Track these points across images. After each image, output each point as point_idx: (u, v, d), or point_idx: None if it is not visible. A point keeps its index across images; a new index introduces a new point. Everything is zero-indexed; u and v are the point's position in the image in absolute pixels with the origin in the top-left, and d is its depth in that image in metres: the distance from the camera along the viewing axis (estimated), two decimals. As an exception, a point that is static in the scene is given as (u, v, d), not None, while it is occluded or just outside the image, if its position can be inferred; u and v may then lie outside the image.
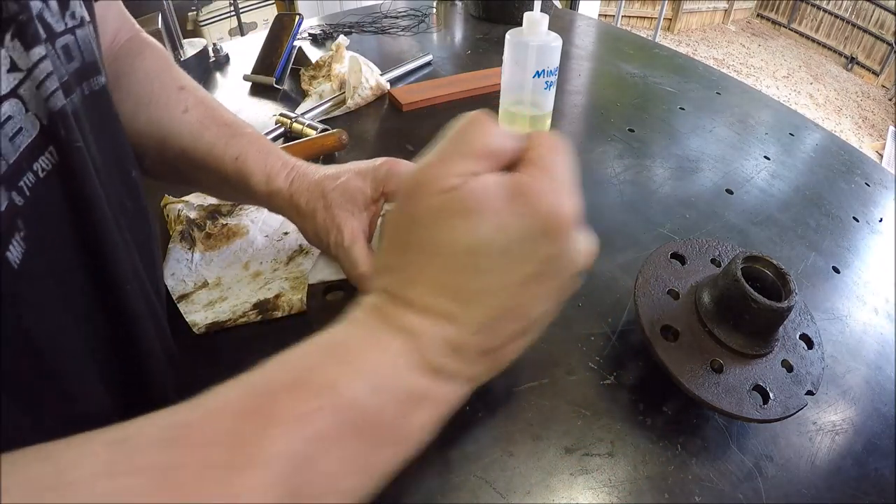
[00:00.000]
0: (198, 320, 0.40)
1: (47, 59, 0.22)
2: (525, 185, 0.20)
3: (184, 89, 0.40)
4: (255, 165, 0.39)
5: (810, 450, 0.35)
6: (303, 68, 0.81)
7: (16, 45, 0.20)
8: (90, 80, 0.27)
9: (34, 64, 0.21)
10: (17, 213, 0.20)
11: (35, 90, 0.21)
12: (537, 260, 0.20)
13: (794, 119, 0.79)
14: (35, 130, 0.21)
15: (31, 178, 0.21)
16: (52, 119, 0.22)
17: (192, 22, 1.83)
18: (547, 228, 0.20)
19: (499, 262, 0.20)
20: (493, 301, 0.20)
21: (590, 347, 0.40)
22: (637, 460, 0.34)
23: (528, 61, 0.58)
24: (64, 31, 0.24)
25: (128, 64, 0.39)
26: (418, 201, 0.21)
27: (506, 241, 0.19)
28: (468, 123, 0.22)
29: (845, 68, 5.40)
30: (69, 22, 0.25)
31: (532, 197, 0.20)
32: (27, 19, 0.21)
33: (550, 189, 0.20)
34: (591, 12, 1.98)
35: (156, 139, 0.39)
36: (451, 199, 0.20)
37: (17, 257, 0.19)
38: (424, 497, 0.31)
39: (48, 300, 0.22)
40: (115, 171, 0.29)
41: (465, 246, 0.20)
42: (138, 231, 0.31)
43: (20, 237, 0.20)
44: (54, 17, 0.23)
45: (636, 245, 0.50)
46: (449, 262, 0.20)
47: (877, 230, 0.58)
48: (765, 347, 0.34)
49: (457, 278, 0.20)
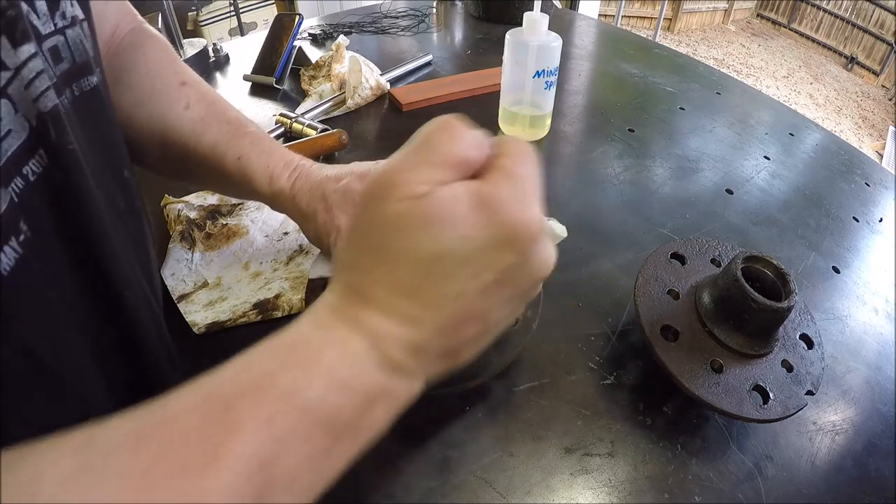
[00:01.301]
0: (198, 320, 0.40)
1: (37, 58, 0.21)
2: (490, 195, 0.20)
3: (185, 85, 0.39)
4: (258, 166, 0.38)
5: (810, 450, 0.35)
6: (303, 68, 0.81)
7: (3, 42, 0.20)
8: (80, 81, 0.26)
9: (23, 62, 0.20)
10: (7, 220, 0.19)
11: (24, 90, 0.20)
12: (499, 268, 0.21)
13: (794, 119, 0.79)
14: (25, 133, 0.21)
15: (20, 182, 0.20)
16: (41, 120, 0.21)
17: (192, 22, 1.83)
18: (510, 238, 0.20)
19: (462, 269, 0.20)
20: (454, 306, 0.21)
21: (590, 347, 0.40)
22: (637, 460, 0.34)
23: (528, 61, 0.58)
24: (52, 33, 0.24)
25: (129, 58, 0.38)
26: (385, 205, 0.21)
27: (469, 249, 0.20)
28: (439, 129, 0.22)
29: (845, 68, 5.40)
30: (59, 22, 0.24)
31: (496, 207, 0.20)
32: (16, 15, 0.20)
33: (514, 199, 0.20)
34: (591, 12, 1.98)
35: (157, 135, 0.39)
36: (418, 207, 0.20)
37: (8, 266, 0.19)
38: (424, 497, 0.31)
39: (45, 307, 0.22)
40: (108, 172, 0.28)
41: (429, 253, 0.20)
42: (132, 231, 0.31)
43: (16, 243, 0.20)
44: (41, 18, 0.23)
45: (636, 245, 0.50)
46: (413, 267, 0.20)
47: (877, 230, 0.58)
48: (765, 347, 0.34)
49: (420, 283, 0.20)
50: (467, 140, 0.21)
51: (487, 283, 0.21)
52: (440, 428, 0.35)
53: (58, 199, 0.22)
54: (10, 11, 0.20)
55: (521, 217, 0.20)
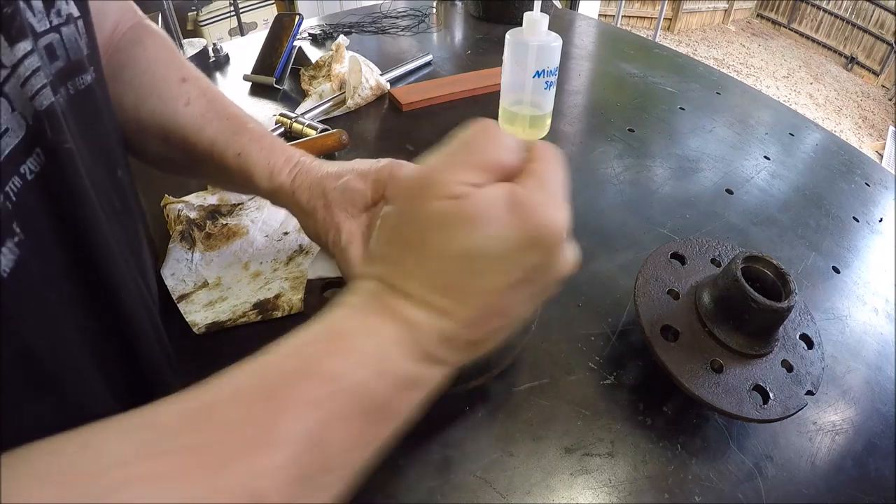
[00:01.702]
0: (198, 320, 0.40)
1: (34, 55, 0.21)
2: (523, 198, 0.22)
3: (186, 81, 0.39)
4: (258, 161, 0.38)
5: (810, 450, 0.35)
6: (303, 68, 0.81)
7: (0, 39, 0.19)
8: (75, 80, 0.26)
9: (19, 60, 0.20)
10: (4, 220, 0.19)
11: (20, 88, 0.20)
12: (527, 267, 0.22)
13: (794, 119, 0.79)
14: (22, 131, 0.20)
15: (18, 182, 0.20)
16: (38, 118, 0.21)
17: (192, 22, 1.83)
18: (539, 240, 0.22)
19: (492, 266, 0.21)
20: (483, 301, 0.22)
21: (590, 347, 0.40)
22: (637, 460, 0.34)
23: (528, 61, 0.58)
24: (48, 30, 0.23)
25: (129, 54, 0.38)
26: (423, 203, 0.22)
27: (500, 249, 0.21)
28: (479, 133, 0.23)
29: (845, 68, 5.40)
30: (54, 20, 0.24)
31: (529, 210, 0.21)
32: (12, 12, 0.20)
33: (546, 202, 0.22)
34: (591, 12, 1.98)
35: (158, 131, 0.39)
36: (455, 207, 0.21)
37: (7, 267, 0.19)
38: (424, 497, 0.31)
39: (45, 308, 0.22)
40: (104, 172, 0.28)
41: (462, 250, 0.21)
42: (128, 231, 0.31)
43: (13, 244, 0.19)
44: (37, 16, 0.23)
45: (636, 245, 0.50)
46: (446, 263, 0.22)
47: (877, 230, 0.58)
48: (765, 347, 0.34)
49: (453, 278, 0.22)
50: (505, 145, 0.23)
51: (515, 281, 0.22)
52: (440, 428, 0.35)
53: (54, 200, 0.22)
54: (7, 8, 0.20)
55: (551, 220, 0.22)
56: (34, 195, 0.21)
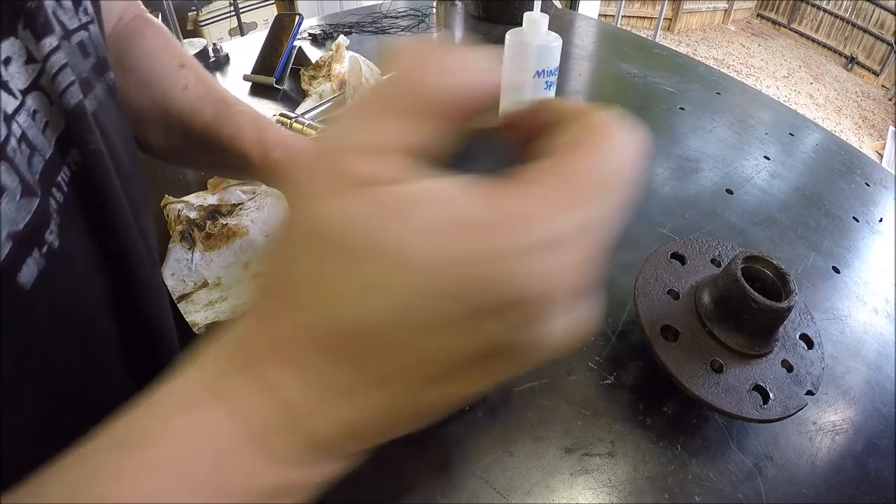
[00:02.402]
0: (198, 320, 0.40)
1: (60, 51, 0.21)
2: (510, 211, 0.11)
3: (184, 67, 0.40)
4: (251, 140, 0.39)
5: (810, 450, 0.35)
6: (303, 68, 0.81)
7: (27, 34, 0.19)
8: (106, 75, 0.26)
9: (46, 55, 0.20)
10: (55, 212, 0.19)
11: (51, 83, 0.20)
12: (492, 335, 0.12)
13: (794, 119, 0.79)
14: (62, 124, 0.20)
15: (67, 172, 0.20)
16: (68, 117, 0.21)
17: (192, 22, 1.83)
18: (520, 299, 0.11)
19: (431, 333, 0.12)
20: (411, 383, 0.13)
21: (590, 347, 0.40)
22: (637, 460, 0.34)
23: (528, 61, 0.58)
24: (78, 28, 0.24)
25: (129, 44, 0.39)
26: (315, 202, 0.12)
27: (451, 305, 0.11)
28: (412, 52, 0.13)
29: (845, 68, 5.40)
30: (83, 18, 0.24)
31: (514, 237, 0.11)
32: (35, 7, 0.20)
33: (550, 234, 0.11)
34: (591, 12, 1.97)
35: (159, 118, 0.39)
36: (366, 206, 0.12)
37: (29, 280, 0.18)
38: (424, 497, 0.31)
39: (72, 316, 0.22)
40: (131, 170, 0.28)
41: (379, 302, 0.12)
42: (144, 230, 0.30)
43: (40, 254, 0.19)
44: (67, 13, 0.23)
45: (636, 245, 0.50)
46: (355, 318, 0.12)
47: (877, 230, 0.58)
48: (765, 347, 0.34)
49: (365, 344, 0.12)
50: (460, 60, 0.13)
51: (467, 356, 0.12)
52: (440, 428, 0.35)
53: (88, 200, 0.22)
54: (31, 3, 0.20)
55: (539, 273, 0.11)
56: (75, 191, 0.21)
